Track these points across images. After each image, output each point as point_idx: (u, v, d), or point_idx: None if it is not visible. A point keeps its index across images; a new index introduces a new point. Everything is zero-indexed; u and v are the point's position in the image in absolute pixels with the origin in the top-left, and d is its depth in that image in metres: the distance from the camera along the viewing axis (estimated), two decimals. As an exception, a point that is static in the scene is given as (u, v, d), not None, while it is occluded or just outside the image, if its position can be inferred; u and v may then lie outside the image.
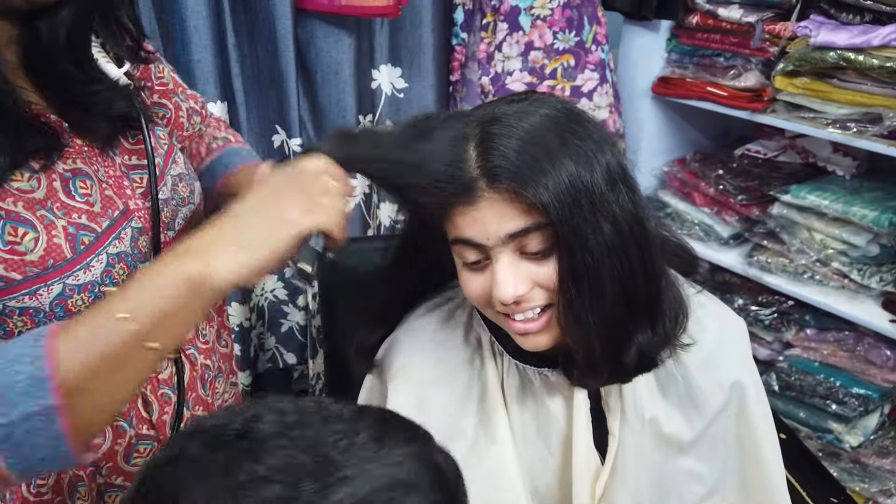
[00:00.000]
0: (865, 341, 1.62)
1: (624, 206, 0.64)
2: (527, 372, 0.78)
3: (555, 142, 0.62)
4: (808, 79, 1.50)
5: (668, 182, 1.91)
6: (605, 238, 0.63)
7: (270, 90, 1.54)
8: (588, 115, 0.68)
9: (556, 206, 0.61)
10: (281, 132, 1.58)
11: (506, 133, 0.62)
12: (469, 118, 0.66)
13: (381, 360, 0.83)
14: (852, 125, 1.46)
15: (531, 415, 0.79)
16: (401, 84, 1.72)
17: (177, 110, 0.88)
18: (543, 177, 0.60)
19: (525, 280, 0.66)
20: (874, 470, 1.66)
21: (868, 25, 1.40)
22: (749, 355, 0.82)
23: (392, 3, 1.41)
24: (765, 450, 0.81)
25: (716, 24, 1.62)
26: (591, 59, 1.69)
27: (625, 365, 0.71)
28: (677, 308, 0.74)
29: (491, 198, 0.62)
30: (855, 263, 1.57)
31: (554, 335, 0.70)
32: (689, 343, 0.75)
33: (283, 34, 1.46)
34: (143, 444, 0.77)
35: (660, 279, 0.70)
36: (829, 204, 1.57)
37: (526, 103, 0.66)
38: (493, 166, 0.61)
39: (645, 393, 0.78)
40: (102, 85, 0.69)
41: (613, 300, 0.66)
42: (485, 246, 0.65)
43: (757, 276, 1.69)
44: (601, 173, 0.63)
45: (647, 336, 0.71)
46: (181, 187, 0.78)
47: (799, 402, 1.71)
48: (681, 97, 1.74)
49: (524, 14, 1.62)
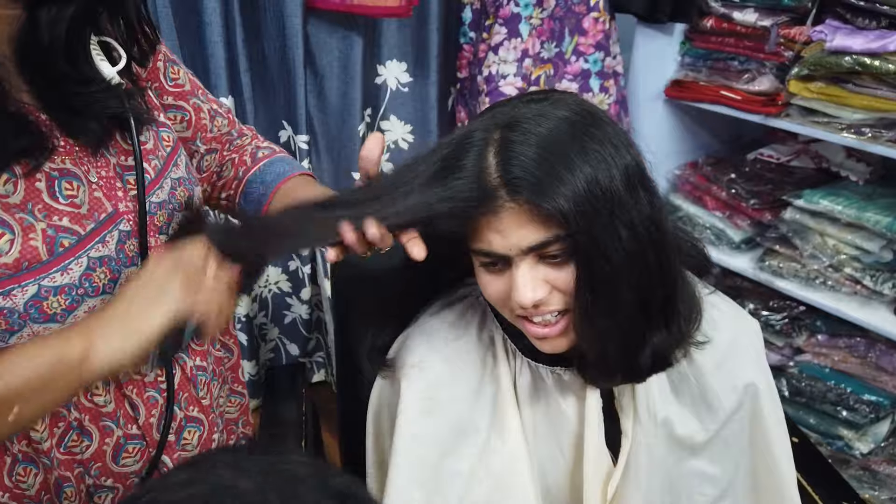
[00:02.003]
0: (877, 348, 1.61)
1: (642, 210, 0.64)
2: (539, 371, 0.78)
3: (573, 147, 0.62)
4: (822, 83, 1.49)
5: (679, 185, 1.90)
6: (623, 244, 0.63)
7: (278, 86, 1.56)
8: (607, 115, 0.67)
9: (575, 216, 0.60)
10: (288, 128, 1.60)
11: (525, 140, 0.62)
12: (490, 119, 0.65)
13: (393, 359, 0.83)
14: (867, 130, 1.45)
15: (543, 414, 0.79)
16: (405, 79, 1.74)
17: (197, 112, 0.87)
18: (562, 186, 0.60)
19: (543, 284, 0.66)
20: (884, 477, 1.65)
21: (884, 30, 1.40)
22: (763, 357, 0.82)
23: (403, 4, 1.42)
24: (777, 453, 0.81)
25: (730, 27, 1.62)
26: (569, 70, 1.72)
27: (639, 365, 0.71)
28: (692, 307, 0.74)
29: (512, 208, 0.62)
30: (868, 269, 1.56)
31: (572, 339, 0.70)
32: (704, 341, 0.75)
33: (292, 31, 1.47)
34: (132, 443, 0.76)
35: (676, 280, 0.70)
36: (842, 209, 1.56)
37: (546, 104, 0.65)
38: (514, 177, 0.61)
39: (658, 394, 0.78)
40: (96, 85, 0.67)
41: (630, 305, 0.66)
42: (507, 255, 0.65)
43: (768, 281, 1.69)
44: (620, 177, 0.62)
45: (663, 336, 0.70)
46: (180, 191, 0.77)
47: (809, 409, 1.70)
48: (694, 100, 1.73)
49: (524, 22, 1.63)
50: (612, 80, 1.76)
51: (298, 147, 1.60)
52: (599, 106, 1.72)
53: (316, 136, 1.69)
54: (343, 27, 1.58)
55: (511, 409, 0.78)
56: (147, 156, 0.73)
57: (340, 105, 1.65)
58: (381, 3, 1.43)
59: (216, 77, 1.46)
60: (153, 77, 0.82)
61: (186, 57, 1.47)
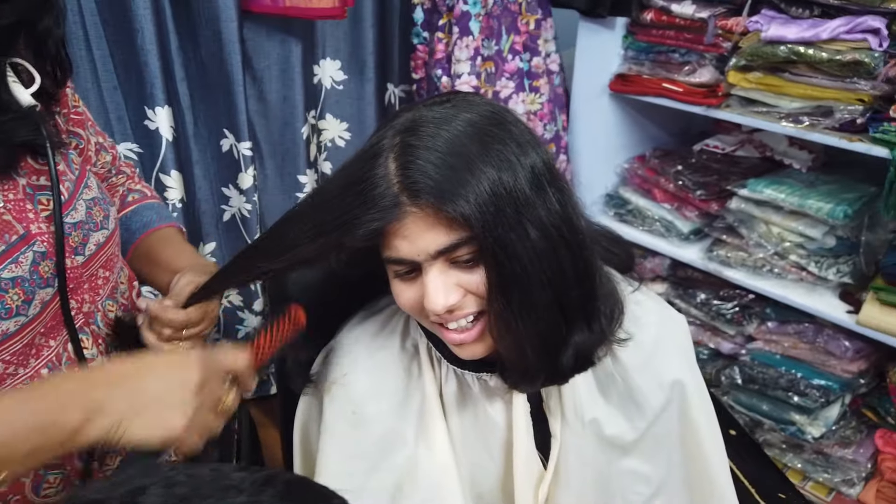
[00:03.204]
0: (825, 333, 1.63)
1: (551, 209, 0.63)
2: (465, 377, 0.77)
3: (475, 148, 0.61)
4: (760, 73, 1.50)
5: (629, 179, 1.91)
6: (533, 244, 0.62)
7: (217, 94, 1.52)
8: (512, 115, 0.66)
9: (479, 218, 0.59)
10: (229, 136, 1.56)
11: (424, 144, 0.61)
12: (392, 126, 0.64)
13: (316, 374, 0.81)
14: (805, 119, 1.46)
15: (471, 421, 0.78)
16: (340, 77, 1.72)
17: (87, 142, 0.87)
18: (464, 189, 0.59)
19: (455, 289, 0.65)
20: (836, 460, 1.67)
21: (817, 19, 1.41)
22: (690, 353, 0.82)
23: (338, 5, 1.40)
24: (707, 448, 0.81)
25: (669, 20, 1.62)
26: (507, 68, 1.71)
27: (561, 366, 0.70)
28: (614, 305, 0.73)
29: (415, 213, 0.61)
30: (812, 256, 1.58)
31: (489, 343, 0.70)
32: (627, 338, 0.74)
33: (228, 37, 1.43)
34: (52, 474, 0.75)
35: (594, 278, 0.69)
36: (786, 197, 1.58)
37: (448, 106, 0.64)
38: (412, 182, 0.60)
39: (585, 395, 0.77)
40: (12, 113, 0.66)
41: (545, 306, 0.65)
42: (416, 261, 0.64)
43: (717, 271, 1.70)
44: (525, 176, 0.61)
45: (584, 335, 0.70)
46: (95, 212, 0.76)
47: (762, 395, 1.72)
48: (638, 94, 1.73)
49: (474, 20, 1.62)
50: (545, 79, 1.75)
51: (242, 154, 1.56)
52: (531, 106, 1.73)
53: (258, 143, 1.66)
54: (280, 30, 1.55)
55: (438, 419, 0.76)
56: (60, 177, 0.72)
57: (282, 109, 1.62)
58: (314, 4, 1.40)
59: (151, 86, 1.42)
60: (63, 102, 0.81)
61: (119, 66, 1.43)
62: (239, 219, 1.66)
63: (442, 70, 1.72)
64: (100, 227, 0.77)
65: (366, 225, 0.61)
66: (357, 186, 0.62)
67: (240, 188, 1.60)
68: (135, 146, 1.50)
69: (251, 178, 1.58)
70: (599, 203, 1.94)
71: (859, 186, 1.60)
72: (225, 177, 1.63)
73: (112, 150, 0.94)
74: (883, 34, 1.32)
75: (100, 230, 0.77)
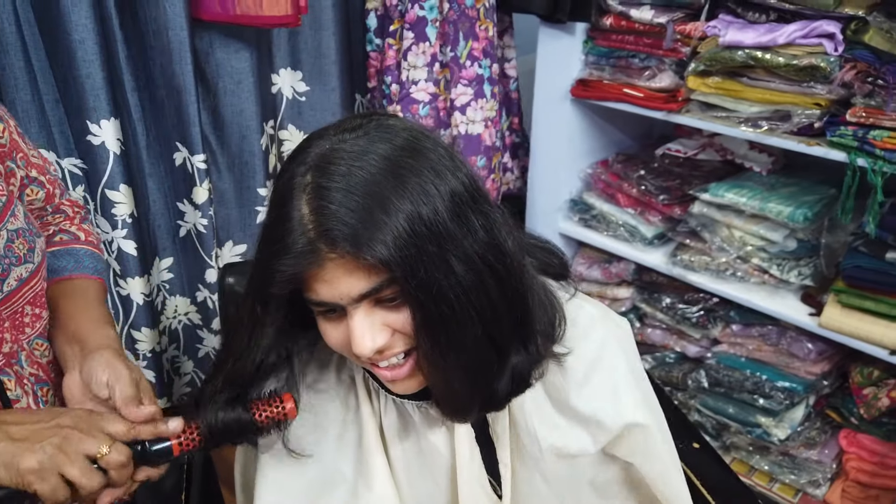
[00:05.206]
0: (788, 335, 1.64)
1: (476, 237, 0.60)
2: (405, 407, 0.75)
3: (390, 185, 0.57)
4: (719, 78, 1.50)
5: (592, 184, 1.90)
6: (458, 279, 0.59)
7: (168, 105, 1.46)
8: (431, 139, 0.63)
9: (399, 262, 0.56)
10: (182, 149, 1.51)
11: (337, 186, 0.57)
12: (304, 156, 0.61)
13: None
14: (763, 123, 1.47)
15: (415, 451, 0.75)
16: (302, 88, 1.68)
17: (9, 176, 0.79)
18: (381, 232, 0.56)
19: (382, 329, 0.62)
20: (802, 461, 1.68)
21: (773, 24, 1.41)
22: (634, 356, 0.80)
23: (291, 13, 1.36)
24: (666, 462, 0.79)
25: (629, 25, 1.62)
26: (464, 75, 1.68)
27: (497, 394, 0.68)
28: (552, 321, 0.71)
29: (334, 259, 0.58)
30: (774, 259, 1.59)
31: (422, 378, 0.67)
32: (566, 352, 0.72)
33: (178, 45, 1.38)
34: None
35: (526, 300, 0.66)
36: (747, 201, 1.58)
37: (361, 134, 0.61)
38: (326, 230, 0.57)
39: (535, 414, 0.74)
40: None
41: (474, 341, 0.62)
42: (339, 304, 0.61)
43: (681, 275, 1.70)
44: (445, 207, 0.58)
45: (521, 357, 0.68)
46: (17, 244, 0.71)
47: (728, 398, 1.72)
48: (599, 99, 1.73)
49: (430, 26, 1.59)
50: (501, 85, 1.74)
51: (196, 168, 1.51)
52: (489, 113, 1.72)
53: (215, 155, 1.61)
54: (234, 39, 1.51)
55: (377, 454, 0.74)
56: None
57: (237, 121, 1.58)
58: (266, 12, 1.36)
59: (94, 99, 1.37)
60: None
61: (59, 81, 1.37)
62: (195, 234, 1.61)
63: (392, 77, 1.69)
64: (23, 260, 0.72)
65: (282, 271, 0.58)
66: (273, 232, 0.59)
67: (194, 203, 1.55)
68: (79, 162, 1.45)
69: (206, 192, 1.53)
70: (564, 209, 1.93)
71: (819, 189, 1.61)
72: (180, 191, 1.58)
73: (51, 185, 0.87)
74: (838, 38, 1.33)
75: (22, 264, 0.72)
